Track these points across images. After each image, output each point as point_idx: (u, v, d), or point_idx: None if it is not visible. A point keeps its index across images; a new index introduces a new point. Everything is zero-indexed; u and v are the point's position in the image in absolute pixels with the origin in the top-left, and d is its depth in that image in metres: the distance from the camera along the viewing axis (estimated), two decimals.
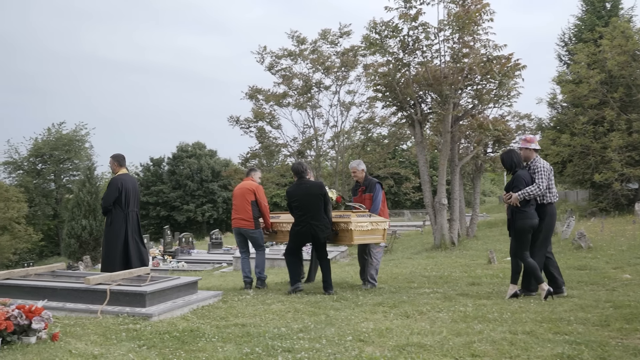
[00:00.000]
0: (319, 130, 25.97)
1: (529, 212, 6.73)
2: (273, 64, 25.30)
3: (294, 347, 4.60)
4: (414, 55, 15.15)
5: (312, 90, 25.01)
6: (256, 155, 27.28)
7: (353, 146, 27.28)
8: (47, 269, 7.69)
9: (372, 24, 14.78)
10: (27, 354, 4.22)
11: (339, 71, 24.70)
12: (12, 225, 40.30)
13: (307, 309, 6.38)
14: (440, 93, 14.66)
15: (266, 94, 25.56)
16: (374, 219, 7.90)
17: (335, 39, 24.66)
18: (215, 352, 4.47)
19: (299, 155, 26.16)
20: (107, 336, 4.92)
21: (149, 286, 6.21)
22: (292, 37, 24.95)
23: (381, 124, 25.58)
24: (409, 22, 14.30)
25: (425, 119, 16.19)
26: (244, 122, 25.94)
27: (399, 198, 48.68)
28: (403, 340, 4.81)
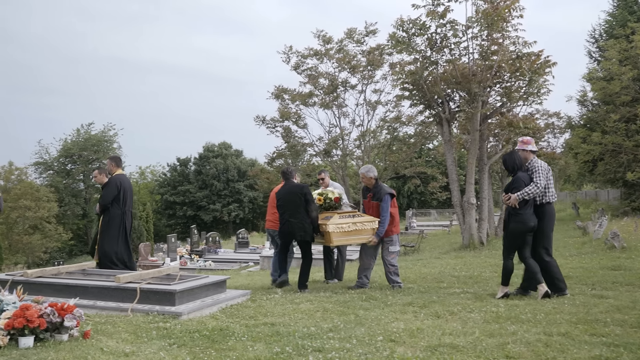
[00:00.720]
0: (345, 129, 25.90)
1: (525, 215, 6.70)
2: (299, 63, 25.29)
3: (324, 347, 4.56)
4: (441, 53, 14.99)
5: (338, 90, 24.93)
6: (282, 154, 27.31)
7: (379, 145, 27.15)
8: (78, 268, 7.77)
9: (399, 22, 14.67)
10: (60, 352, 4.24)
11: (365, 70, 24.59)
12: (43, 224, 41.05)
13: (336, 309, 6.34)
14: (468, 91, 14.49)
15: (292, 93, 25.56)
16: (359, 219, 7.95)
17: (361, 38, 24.56)
18: (245, 351, 4.45)
19: (325, 154, 26.12)
20: (138, 334, 4.93)
21: (178, 285, 6.23)
22: (318, 36, 24.92)
23: (408, 123, 25.40)
24: (437, 19, 14.15)
25: (453, 118, 16.02)
26: (270, 122, 25.99)
27: (425, 197, 48.39)
28: (435, 340, 4.74)
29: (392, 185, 49.69)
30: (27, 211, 39.35)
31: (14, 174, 44.54)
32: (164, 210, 57.37)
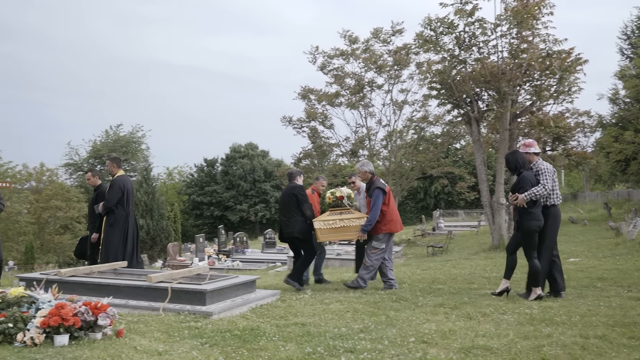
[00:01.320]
0: (371, 129, 25.79)
1: (536, 214, 6.74)
2: (325, 63, 25.25)
3: (355, 348, 4.53)
4: (470, 51, 14.84)
5: (364, 90, 24.84)
6: (308, 155, 27.30)
7: (406, 145, 26.99)
8: (110, 267, 7.86)
9: (427, 20, 14.55)
10: (94, 350, 4.27)
11: (391, 70, 24.46)
12: (73, 224, 41.66)
13: (367, 309, 6.30)
14: (497, 90, 14.32)
15: (318, 93, 25.54)
16: (346, 216, 8.10)
17: (387, 38, 24.42)
18: (277, 351, 4.44)
19: (352, 155, 26.04)
20: (170, 333, 4.95)
21: (209, 284, 6.25)
22: (344, 36, 24.85)
23: (435, 123, 25.19)
24: (465, 18, 14.02)
25: (482, 117, 15.84)
26: (296, 122, 26.01)
27: (453, 198, 47.95)
28: (468, 342, 4.68)
29: (418, 186, 49.40)
30: (58, 211, 39.99)
31: (45, 175, 45.31)
32: (192, 211, 57.84)
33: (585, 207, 32.33)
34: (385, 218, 7.96)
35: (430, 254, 17.36)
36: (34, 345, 4.37)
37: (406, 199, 49.32)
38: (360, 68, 24.92)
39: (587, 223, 21.27)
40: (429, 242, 21.37)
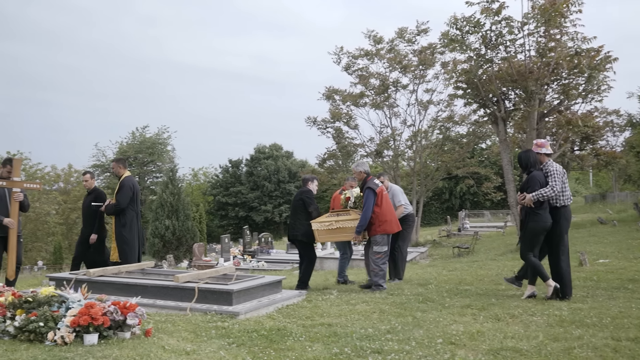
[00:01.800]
0: (396, 129, 25.66)
1: (542, 215, 6.74)
2: (350, 64, 25.17)
3: (383, 349, 4.51)
4: (496, 50, 14.68)
5: (389, 90, 24.72)
6: (333, 155, 27.27)
7: (431, 145, 26.80)
8: (137, 267, 7.94)
9: (453, 19, 14.43)
10: (123, 349, 4.31)
11: (416, 70, 24.30)
12: None
13: (393, 310, 6.27)
14: (525, 89, 14.14)
15: (343, 94, 25.48)
16: (342, 217, 8.17)
17: (412, 37, 24.26)
18: (304, 351, 4.44)
19: (377, 155, 25.95)
20: (197, 333, 4.98)
21: (235, 285, 6.28)
22: (369, 36, 24.75)
23: (460, 123, 24.96)
24: (492, 16, 13.87)
25: (508, 116, 15.66)
26: (321, 123, 25.98)
27: (479, 198, 47.51)
28: (497, 344, 4.62)
29: (444, 186, 49.06)
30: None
31: (73, 176, 46.01)
32: (217, 211, 58.22)
33: (615, 207, 31.77)
34: (378, 219, 7.94)
35: (456, 254, 17.22)
36: (64, 344, 4.42)
37: (431, 199, 49.03)
38: (385, 68, 24.81)
39: (616, 224, 20.89)
40: (455, 242, 21.21)
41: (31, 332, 4.59)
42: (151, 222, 30.53)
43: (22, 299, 4.97)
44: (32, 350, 4.33)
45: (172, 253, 26.83)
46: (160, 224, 28.60)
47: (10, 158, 8.20)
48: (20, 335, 4.66)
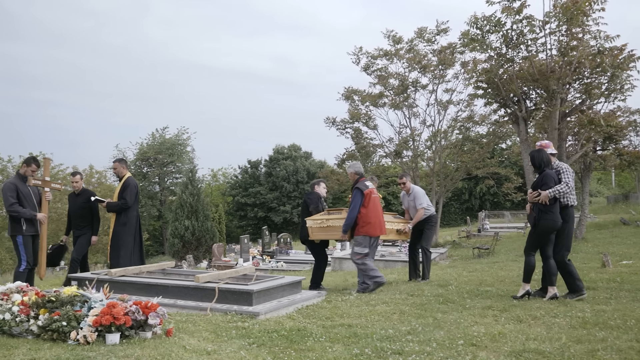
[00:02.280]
0: (415, 130, 25.55)
1: (555, 213, 6.78)
2: (369, 64, 25.11)
3: (403, 350, 4.48)
4: (517, 49, 14.55)
5: (408, 90, 24.61)
6: (352, 156, 27.23)
7: (451, 146, 26.65)
8: (158, 267, 7.99)
9: (473, 19, 14.32)
10: (145, 348, 4.34)
11: (435, 69, 24.18)
12: None
13: (413, 311, 6.24)
14: (546, 88, 14.00)
15: (362, 94, 25.43)
16: (332, 216, 8.41)
17: (431, 37, 24.14)
18: (324, 352, 4.43)
19: (396, 155, 25.86)
20: (218, 333, 4.99)
21: (255, 285, 6.29)
22: (388, 36, 24.67)
23: (481, 123, 24.79)
24: (513, 15, 13.74)
25: (530, 116, 15.51)
26: (340, 123, 25.95)
27: (499, 199, 47.13)
28: (519, 345, 4.58)
29: (463, 187, 48.74)
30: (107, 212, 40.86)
31: (94, 177, 46.39)
32: (236, 212, 58.42)
33: (638, 208, 31.33)
34: (362, 220, 7.97)
35: (476, 255, 17.09)
36: (87, 344, 4.46)
37: (450, 200, 48.76)
38: (404, 68, 24.73)
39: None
40: (475, 243, 21.05)
41: (54, 331, 4.64)
42: (171, 222, 30.73)
43: (45, 298, 5.03)
44: (55, 349, 4.37)
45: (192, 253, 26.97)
46: (179, 225, 28.79)
47: (34, 157, 8.28)
48: (44, 334, 4.71)
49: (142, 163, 54.57)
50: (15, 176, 7.97)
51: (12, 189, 7.66)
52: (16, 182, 7.81)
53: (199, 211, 28.99)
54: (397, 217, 9.44)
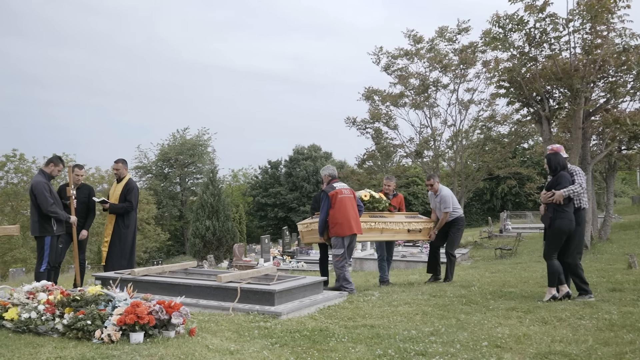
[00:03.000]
0: (436, 129, 25.42)
1: (569, 213, 6.79)
2: (389, 64, 25.05)
3: (427, 351, 4.45)
4: (540, 48, 14.37)
5: (429, 90, 24.52)
6: (372, 156, 27.18)
7: (472, 146, 26.48)
8: (180, 267, 8.03)
9: (495, 17, 14.18)
10: (169, 347, 4.36)
11: (457, 69, 24.04)
12: (143, 225, 42.94)
13: (436, 312, 6.19)
14: (570, 87, 13.80)
15: (382, 94, 25.38)
16: (312, 220, 8.60)
17: (452, 36, 24.03)
18: (347, 352, 4.41)
19: (417, 155, 25.74)
20: (240, 333, 5.00)
21: (277, 285, 6.29)
22: (409, 36, 24.60)
23: (503, 122, 24.58)
24: (536, 14, 13.57)
25: (553, 115, 15.32)
26: (360, 124, 25.92)
27: (521, 199, 46.65)
28: (544, 347, 4.51)
29: (484, 187, 48.34)
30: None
31: None
32: (256, 212, 58.60)
33: None
34: (331, 221, 8.01)
35: (499, 256, 16.96)
36: (111, 342, 4.49)
37: (472, 200, 48.39)
38: (425, 68, 24.63)
39: None
40: (497, 244, 20.88)
41: (79, 330, 4.68)
42: (192, 222, 30.88)
43: (70, 297, 5.08)
44: (80, 347, 4.41)
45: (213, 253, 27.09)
46: (200, 225, 28.93)
47: (59, 156, 8.21)
48: (69, 333, 4.76)
49: (163, 164, 55.01)
50: (41, 175, 7.82)
51: (47, 189, 7.63)
52: (47, 181, 7.77)
53: (220, 211, 29.11)
54: (414, 217, 9.36)
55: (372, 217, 8.77)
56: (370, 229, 8.65)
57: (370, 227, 8.64)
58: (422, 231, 9.22)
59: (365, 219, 8.58)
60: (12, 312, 5.19)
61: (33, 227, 7.66)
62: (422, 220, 9.38)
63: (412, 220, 9.22)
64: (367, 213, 8.70)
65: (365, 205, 8.75)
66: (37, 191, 7.52)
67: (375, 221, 8.75)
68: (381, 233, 8.85)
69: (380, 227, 8.78)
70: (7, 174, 37.38)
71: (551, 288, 6.94)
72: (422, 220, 9.37)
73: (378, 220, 8.78)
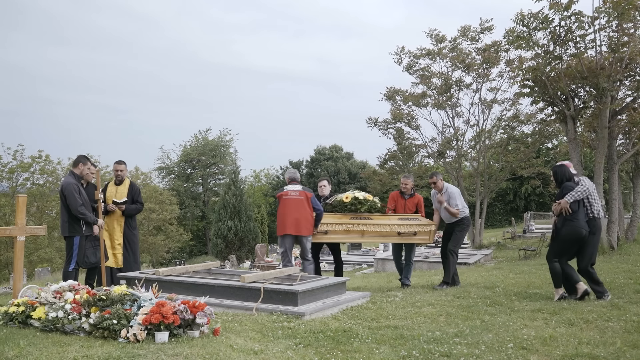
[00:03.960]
0: (459, 129, 25.26)
1: (581, 220, 6.82)
2: (411, 64, 24.96)
3: (451, 352, 4.41)
4: (565, 46, 14.20)
5: (451, 89, 24.36)
6: (394, 156, 27.10)
7: (495, 145, 26.25)
8: (204, 267, 8.07)
9: (519, 16, 14.05)
10: (193, 347, 4.38)
11: (480, 68, 23.86)
12: (166, 225, 43.33)
13: (460, 313, 6.14)
14: (596, 86, 13.61)
15: (404, 94, 25.28)
16: None
17: (475, 35, 23.86)
18: (371, 353, 4.39)
19: (439, 155, 25.60)
20: (264, 333, 5.00)
21: (300, 285, 6.28)
22: (431, 35, 24.47)
23: (526, 122, 24.33)
24: (561, 12, 13.42)
25: (578, 115, 15.12)
26: (382, 124, 25.86)
27: (545, 199, 46.14)
28: (571, 350, 4.45)
29: (508, 187, 47.90)
30: (152, 213, 41.67)
31: (140, 179, 47.35)
32: None
33: None
34: (278, 221, 8.45)
35: (522, 257, 16.79)
36: (137, 342, 4.52)
37: (495, 200, 48.00)
38: (447, 67, 24.48)
39: None
40: (520, 245, 20.68)
41: (105, 329, 4.73)
42: (214, 223, 31.08)
43: (96, 296, 5.13)
44: (107, 346, 4.45)
45: (235, 253, 27.26)
46: (222, 225, 29.11)
47: (84, 155, 8.21)
48: (95, 332, 4.80)
49: (185, 164, 55.42)
50: (71, 176, 7.82)
51: (77, 190, 7.69)
52: (78, 182, 7.82)
53: (242, 212, 29.26)
54: (409, 219, 8.76)
55: (353, 219, 8.58)
56: (348, 230, 8.48)
57: (347, 229, 8.47)
58: (417, 234, 8.56)
59: (344, 220, 8.51)
60: (39, 311, 5.27)
61: (63, 227, 7.74)
62: (420, 223, 8.68)
63: (405, 222, 8.65)
64: (348, 215, 8.60)
65: (347, 207, 8.66)
66: (67, 192, 7.57)
67: (355, 223, 8.52)
68: (362, 235, 8.59)
69: (360, 230, 8.49)
70: (33, 175, 37.92)
71: (558, 289, 7.03)
72: (419, 223, 8.68)
73: (358, 222, 8.52)
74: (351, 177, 56.51)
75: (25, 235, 7.08)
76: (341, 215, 8.65)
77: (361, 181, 46.73)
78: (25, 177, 37.66)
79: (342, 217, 8.58)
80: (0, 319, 5.55)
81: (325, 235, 8.54)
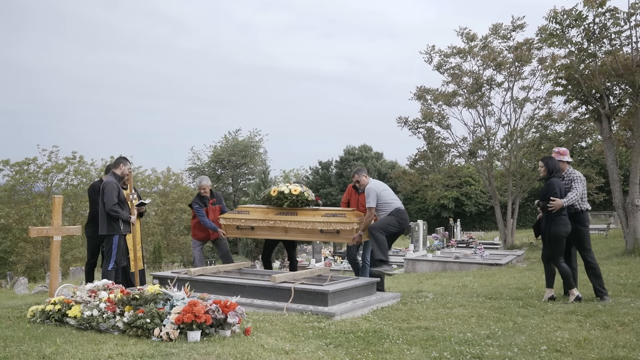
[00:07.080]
0: (490, 129, 24.94)
1: (565, 219, 6.98)
2: (441, 62, 24.72)
3: (483, 354, 4.38)
4: (600, 44, 13.93)
5: (482, 88, 24.06)
6: (424, 156, 26.89)
7: (527, 145, 25.85)
8: (235, 267, 8.14)
9: (552, 13, 13.82)
10: (225, 346, 4.42)
11: (511, 66, 23.52)
12: None
13: (492, 315, 6.09)
14: (632, 83, 13.31)
15: (434, 93, 25.06)
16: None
17: (507, 33, 23.52)
18: (402, 354, 4.38)
19: (470, 155, 25.34)
20: (295, 333, 5.03)
21: (330, 286, 6.30)
22: (461, 34, 24.21)
23: (560, 120, 23.90)
24: (595, 8, 13.16)
25: (613, 113, 14.82)
26: (412, 123, 25.68)
27: None
28: (606, 353, 4.38)
29: (540, 187, 47.14)
30: (183, 214, 42.09)
31: (171, 179, 47.87)
32: None
33: None
34: None
35: None
36: (170, 340, 4.59)
37: (527, 200, 47.27)
38: (479, 66, 24.20)
39: None
40: None
41: (139, 328, 4.81)
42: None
43: (130, 296, 5.21)
44: (140, 345, 4.52)
45: None
46: None
47: (124, 157, 8.29)
48: (129, 331, 4.89)
49: (216, 165, 55.81)
50: (112, 176, 7.88)
51: (116, 189, 7.79)
52: (118, 182, 7.92)
53: None
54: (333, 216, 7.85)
55: (279, 214, 8.09)
56: (272, 227, 8.06)
57: (271, 225, 8.04)
58: (340, 233, 7.64)
59: (269, 217, 8.07)
60: (75, 310, 5.38)
61: (101, 226, 7.80)
62: (344, 220, 7.70)
63: (329, 219, 7.76)
64: (274, 210, 8.13)
65: (272, 201, 8.18)
66: (107, 189, 7.62)
67: (279, 219, 8.01)
68: (286, 233, 8.03)
69: (283, 226, 7.98)
70: (68, 175, 38.60)
71: (572, 290, 7.08)
72: (343, 220, 7.70)
73: (282, 219, 7.99)
74: (380, 177, 56.21)
75: (61, 235, 7.22)
76: (268, 211, 8.21)
77: (391, 181, 46.53)
78: (59, 178, 38.35)
79: (269, 213, 8.15)
80: (38, 317, 5.69)
81: (252, 231, 8.24)
